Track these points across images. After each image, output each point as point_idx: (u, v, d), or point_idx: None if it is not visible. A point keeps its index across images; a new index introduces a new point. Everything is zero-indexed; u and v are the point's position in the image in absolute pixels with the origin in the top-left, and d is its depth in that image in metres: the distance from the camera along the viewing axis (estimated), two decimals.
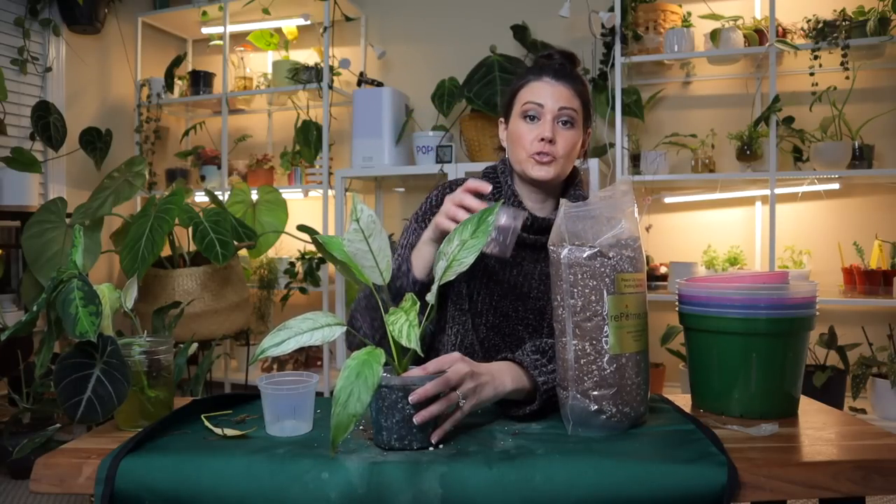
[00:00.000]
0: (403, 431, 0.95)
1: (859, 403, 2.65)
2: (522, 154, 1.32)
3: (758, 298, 1.09)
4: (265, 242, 3.01)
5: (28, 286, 2.66)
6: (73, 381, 1.03)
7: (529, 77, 1.34)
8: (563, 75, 1.32)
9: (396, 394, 0.93)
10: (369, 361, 0.87)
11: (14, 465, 2.53)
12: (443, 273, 1.01)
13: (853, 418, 1.12)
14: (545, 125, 1.29)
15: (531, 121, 1.31)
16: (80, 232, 1.15)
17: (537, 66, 1.37)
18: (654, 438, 1.00)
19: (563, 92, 1.30)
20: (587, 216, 1.05)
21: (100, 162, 3.13)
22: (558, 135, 1.30)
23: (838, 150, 2.65)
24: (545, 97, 1.30)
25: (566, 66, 1.36)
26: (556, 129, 1.30)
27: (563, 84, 1.31)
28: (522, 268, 1.35)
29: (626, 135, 2.97)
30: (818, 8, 2.78)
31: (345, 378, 0.83)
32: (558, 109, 1.29)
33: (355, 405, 0.77)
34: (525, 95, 1.33)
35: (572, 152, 1.33)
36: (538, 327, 1.36)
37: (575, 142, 1.32)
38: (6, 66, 3.00)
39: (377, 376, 0.86)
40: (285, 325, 0.93)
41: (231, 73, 3.53)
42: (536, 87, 1.32)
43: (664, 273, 2.97)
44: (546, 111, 1.30)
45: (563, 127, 1.31)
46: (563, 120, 1.30)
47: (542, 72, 1.33)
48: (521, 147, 1.32)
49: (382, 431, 0.95)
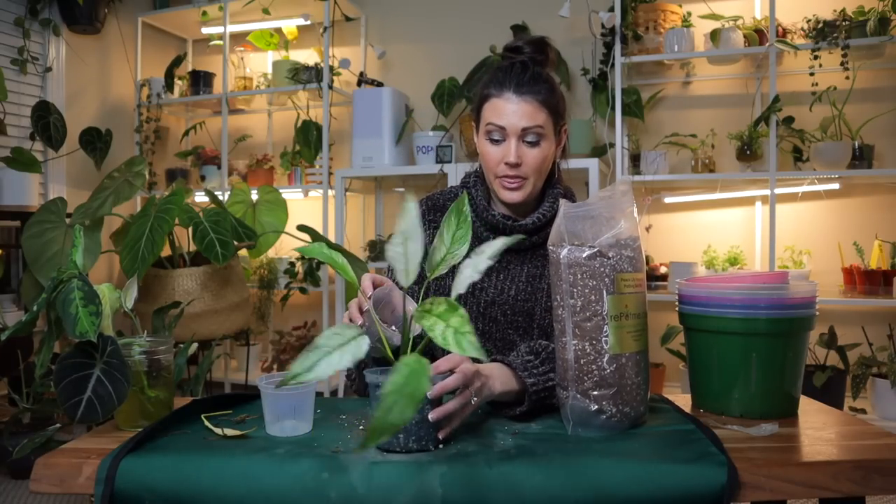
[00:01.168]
0: (410, 433, 0.95)
1: (859, 403, 2.65)
2: (490, 175, 1.32)
3: (758, 298, 1.09)
4: (265, 242, 3.01)
5: (28, 286, 2.66)
6: (73, 381, 1.03)
7: (491, 91, 1.29)
8: (526, 84, 1.26)
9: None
10: (417, 373, 0.75)
11: (14, 465, 2.54)
12: (435, 267, 0.99)
13: (853, 418, 1.12)
14: (509, 148, 1.26)
15: (495, 143, 1.28)
16: (80, 232, 1.15)
17: (500, 73, 1.30)
18: (654, 438, 1.00)
19: (526, 109, 1.25)
20: (587, 216, 1.05)
21: (100, 162, 3.13)
22: (524, 155, 1.27)
23: (838, 150, 2.65)
24: (507, 118, 1.25)
25: (530, 69, 1.29)
26: (521, 151, 1.27)
27: (526, 98, 1.25)
28: (509, 272, 1.35)
29: (626, 135, 2.97)
30: (818, 8, 2.78)
31: (392, 384, 0.74)
32: (521, 130, 1.26)
33: (397, 417, 0.71)
34: (487, 115, 1.29)
35: (543, 166, 1.30)
36: (528, 329, 1.35)
37: (544, 156, 1.29)
38: (6, 66, 3.00)
39: (423, 391, 0.74)
40: (315, 345, 0.84)
41: (231, 73, 3.53)
42: (498, 105, 1.27)
43: (664, 273, 2.97)
44: (509, 133, 1.26)
45: (529, 146, 1.27)
46: (528, 140, 1.27)
47: (503, 85, 1.27)
48: (489, 169, 1.31)
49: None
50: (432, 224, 1.40)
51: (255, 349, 3.49)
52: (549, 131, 1.29)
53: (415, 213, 0.96)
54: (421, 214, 1.38)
